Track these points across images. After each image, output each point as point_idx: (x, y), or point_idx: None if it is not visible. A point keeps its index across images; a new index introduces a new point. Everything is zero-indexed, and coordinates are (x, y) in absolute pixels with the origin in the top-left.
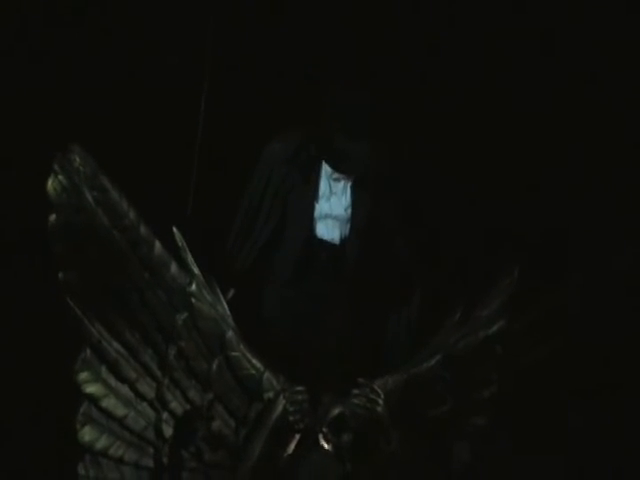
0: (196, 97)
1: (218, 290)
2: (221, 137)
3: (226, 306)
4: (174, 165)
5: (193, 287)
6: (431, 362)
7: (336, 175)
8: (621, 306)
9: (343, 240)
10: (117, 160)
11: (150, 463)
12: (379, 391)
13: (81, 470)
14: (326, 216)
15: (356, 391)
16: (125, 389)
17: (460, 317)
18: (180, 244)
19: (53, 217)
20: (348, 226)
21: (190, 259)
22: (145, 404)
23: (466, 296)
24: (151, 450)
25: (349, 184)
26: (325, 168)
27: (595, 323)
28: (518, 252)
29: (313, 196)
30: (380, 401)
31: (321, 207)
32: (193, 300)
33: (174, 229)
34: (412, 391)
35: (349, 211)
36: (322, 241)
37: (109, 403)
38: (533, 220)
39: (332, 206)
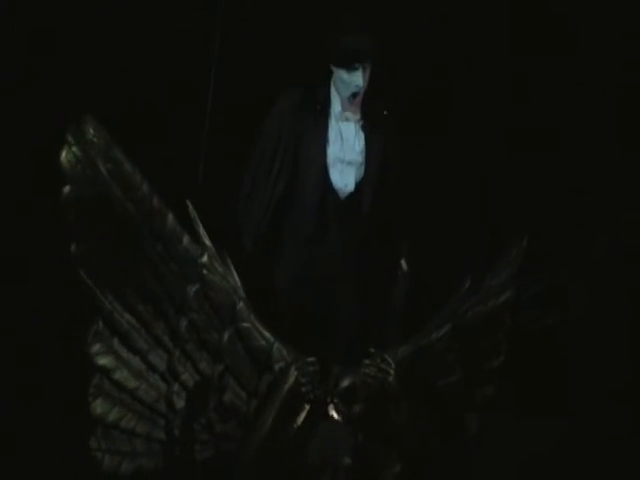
0: (207, 71)
1: (229, 261)
2: (233, 109)
3: (237, 277)
4: (187, 136)
5: (204, 259)
6: (440, 332)
7: (346, 114)
8: (626, 275)
9: (357, 185)
10: (130, 131)
11: (161, 435)
12: (390, 361)
13: (93, 443)
14: (338, 161)
15: (367, 361)
16: (137, 361)
17: (469, 287)
18: (193, 216)
19: (67, 189)
20: (362, 170)
21: (202, 231)
22: (156, 376)
23: (475, 266)
24: (162, 422)
25: (360, 126)
26: (334, 111)
27: (601, 293)
28: (527, 222)
29: (324, 140)
30: (391, 371)
31: (333, 152)
32: (204, 272)
33: (187, 202)
34: (421, 361)
35: (361, 155)
36: (335, 186)
37: (121, 375)
38: (545, 190)
39: (345, 150)
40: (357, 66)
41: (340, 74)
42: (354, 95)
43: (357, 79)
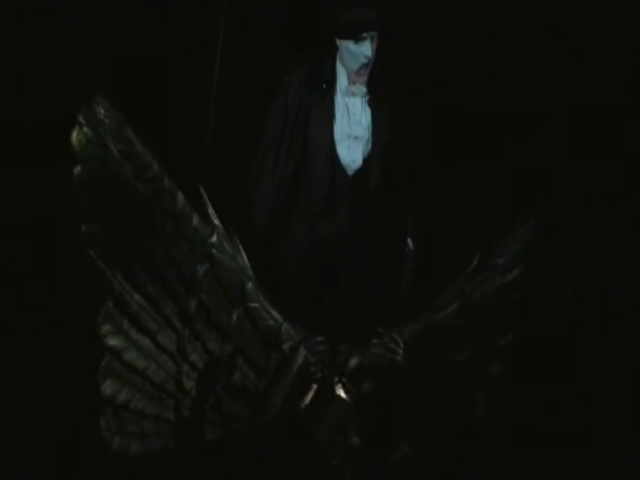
0: (213, 52)
1: (238, 241)
2: (240, 88)
3: (246, 257)
4: (196, 116)
5: (214, 238)
6: (448, 310)
7: (352, 89)
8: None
9: (365, 161)
10: (140, 111)
11: (170, 415)
12: (399, 340)
13: (103, 423)
14: (345, 136)
15: (375, 341)
16: (146, 341)
17: (477, 265)
18: (202, 196)
19: (78, 169)
20: (369, 146)
21: (211, 211)
22: (166, 356)
23: (483, 243)
24: (171, 402)
25: (366, 100)
26: (340, 86)
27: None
28: (535, 199)
29: (331, 116)
30: (400, 350)
31: (340, 127)
32: (214, 251)
33: (199, 185)
34: (429, 340)
35: (368, 130)
36: (343, 163)
37: (130, 356)
38: (551, 166)
39: (352, 126)
40: (365, 36)
41: (347, 46)
42: (363, 67)
43: (366, 49)
